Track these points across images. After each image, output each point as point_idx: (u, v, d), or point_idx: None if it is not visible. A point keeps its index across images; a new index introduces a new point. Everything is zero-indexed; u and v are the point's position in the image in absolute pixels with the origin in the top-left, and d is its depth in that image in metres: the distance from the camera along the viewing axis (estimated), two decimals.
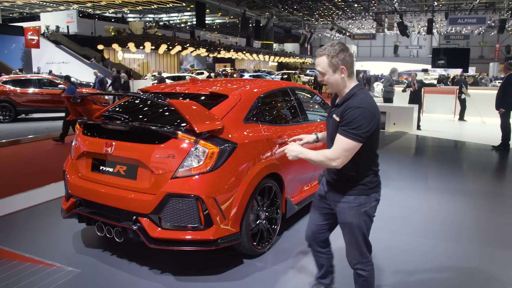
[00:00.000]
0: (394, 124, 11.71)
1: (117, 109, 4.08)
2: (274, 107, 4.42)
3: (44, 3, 48.21)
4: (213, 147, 3.22)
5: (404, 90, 12.78)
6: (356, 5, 39.34)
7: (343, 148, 2.31)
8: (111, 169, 3.54)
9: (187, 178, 3.18)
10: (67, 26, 42.28)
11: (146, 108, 4.07)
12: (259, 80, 5.00)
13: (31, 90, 14.76)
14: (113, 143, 3.47)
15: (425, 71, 41.18)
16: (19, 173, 7.39)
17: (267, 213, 3.81)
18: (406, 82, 13.59)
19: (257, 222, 3.69)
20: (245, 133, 3.59)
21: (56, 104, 14.59)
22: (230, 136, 3.39)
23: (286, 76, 30.27)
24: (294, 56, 59.69)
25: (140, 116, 3.92)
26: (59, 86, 15.17)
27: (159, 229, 3.22)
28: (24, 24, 38.33)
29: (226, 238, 3.29)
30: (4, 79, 15.14)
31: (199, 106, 3.34)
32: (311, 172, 4.66)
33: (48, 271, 3.57)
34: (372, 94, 25.23)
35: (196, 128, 3.11)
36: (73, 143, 3.92)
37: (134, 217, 3.29)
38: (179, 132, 3.22)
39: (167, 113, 3.72)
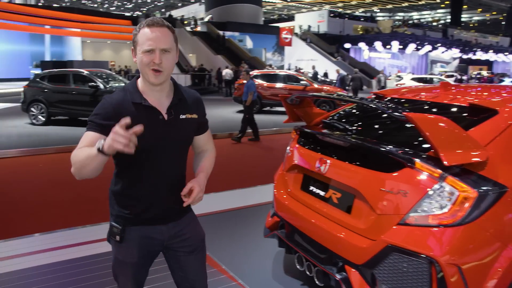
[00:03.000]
0: None
1: (342, 116, 3.33)
2: None
3: (300, 5, 51.72)
4: (467, 189, 2.13)
5: None
6: None
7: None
8: (322, 193, 2.82)
9: (421, 229, 2.19)
10: (318, 26, 44.33)
11: (376, 119, 3.19)
12: None
13: (277, 84, 15.50)
14: (328, 161, 2.73)
15: None
16: (250, 166, 7.51)
17: None
18: None
19: None
20: None
21: None
22: (496, 174, 2.22)
23: None
24: None
25: (367, 130, 3.07)
26: (301, 82, 15.52)
27: None
28: (280, 25, 41.85)
29: None
30: (254, 74, 16.37)
31: (452, 125, 2.28)
32: None
33: None
34: None
35: (444, 158, 2.08)
36: (286, 151, 3.35)
37: (341, 263, 2.49)
38: (418, 160, 2.24)
39: (403, 129, 2.76)
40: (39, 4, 45.68)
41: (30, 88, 11.69)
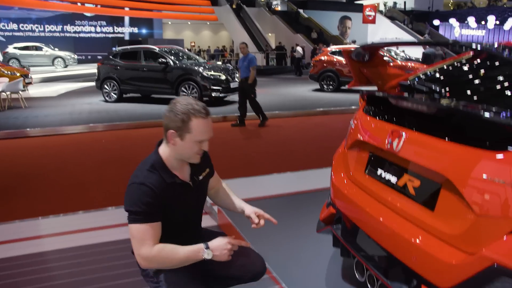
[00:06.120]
0: None
1: (430, 78, 2.47)
2: None
3: None
4: None
5: None
6: None
7: None
8: (393, 179, 2.03)
9: None
10: (404, 2, 41.43)
11: (479, 79, 2.27)
12: None
13: None
14: (403, 133, 1.92)
15: None
16: (323, 146, 6.79)
17: None
18: None
19: None
20: None
21: None
22: None
23: None
24: None
25: (467, 93, 2.15)
26: (384, 58, 14.27)
27: None
28: (364, 2, 39.73)
29: None
30: (332, 50, 15.34)
31: None
32: None
33: None
34: None
35: None
36: (350, 123, 2.58)
37: (415, 281, 1.72)
38: None
39: None
40: None
41: (104, 66, 11.75)
